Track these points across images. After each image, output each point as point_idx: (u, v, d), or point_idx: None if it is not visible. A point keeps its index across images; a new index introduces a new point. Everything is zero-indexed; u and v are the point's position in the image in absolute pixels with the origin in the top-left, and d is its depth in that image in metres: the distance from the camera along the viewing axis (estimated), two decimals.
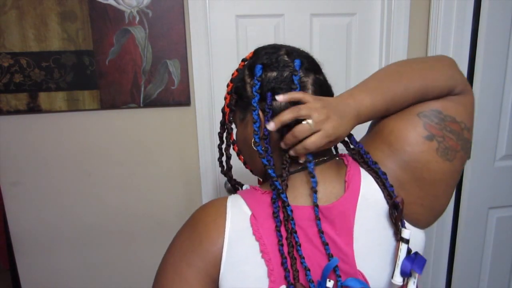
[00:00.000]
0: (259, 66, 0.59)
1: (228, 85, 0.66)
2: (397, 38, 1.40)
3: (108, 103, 1.30)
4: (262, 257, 0.52)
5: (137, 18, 1.26)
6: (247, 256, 0.53)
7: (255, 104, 0.57)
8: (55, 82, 1.26)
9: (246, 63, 0.65)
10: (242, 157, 0.70)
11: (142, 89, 1.31)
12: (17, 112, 1.26)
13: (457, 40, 1.40)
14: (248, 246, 0.53)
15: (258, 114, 0.58)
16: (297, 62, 0.58)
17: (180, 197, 1.44)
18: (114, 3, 1.23)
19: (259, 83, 0.58)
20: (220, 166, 0.75)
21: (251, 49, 1.48)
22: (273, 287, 0.51)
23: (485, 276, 1.67)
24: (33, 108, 1.27)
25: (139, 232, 1.44)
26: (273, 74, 0.58)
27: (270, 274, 0.52)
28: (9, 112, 1.26)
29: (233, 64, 1.39)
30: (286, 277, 0.51)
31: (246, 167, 0.72)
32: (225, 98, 0.66)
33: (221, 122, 0.71)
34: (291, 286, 0.50)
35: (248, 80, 0.61)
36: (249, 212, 0.56)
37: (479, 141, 1.49)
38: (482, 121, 1.48)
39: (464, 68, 1.43)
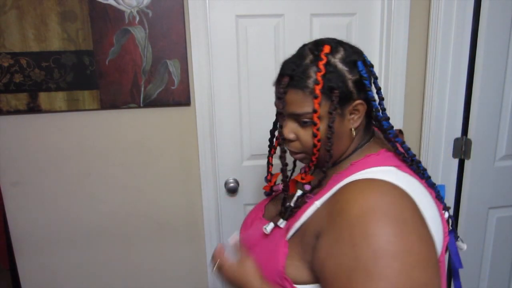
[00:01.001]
0: (360, 62, 0.68)
1: (317, 82, 0.65)
2: (397, 38, 1.40)
3: (108, 103, 1.30)
4: (433, 201, 0.67)
5: (137, 18, 1.26)
6: (430, 205, 0.65)
7: (373, 96, 0.68)
8: (55, 82, 1.26)
9: (333, 59, 0.66)
10: (317, 151, 0.70)
11: (142, 89, 1.31)
12: (17, 112, 1.26)
13: (457, 40, 1.40)
14: (427, 201, 0.65)
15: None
16: (366, 57, 0.71)
17: (180, 197, 1.44)
18: (114, 3, 1.23)
19: (367, 76, 0.67)
20: (284, 177, 0.75)
21: (251, 49, 1.48)
22: (442, 220, 0.67)
23: (485, 276, 1.67)
24: (33, 108, 1.27)
25: (139, 232, 1.44)
26: (368, 68, 0.69)
27: (439, 213, 0.67)
28: (9, 112, 1.26)
29: (233, 64, 1.40)
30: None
31: (313, 159, 0.71)
32: (316, 97, 0.65)
33: (280, 125, 0.72)
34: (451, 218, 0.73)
35: (350, 76, 0.66)
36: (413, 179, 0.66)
37: (479, 141, 1.49)
38: (482, 121, 1.48)
39: (464, 68, 1.43)
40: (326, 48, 0.67)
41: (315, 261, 0.60)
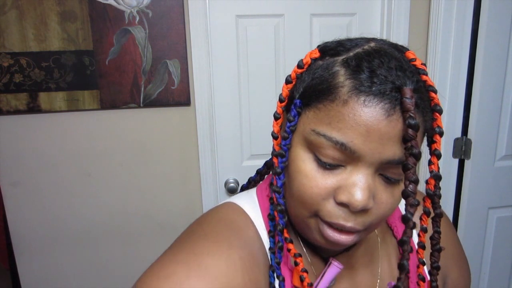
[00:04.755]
0: None
1: (438, 109, 0.41)
2: (397, 38, 1.40)
3: (108, 103, 1.30)
4: None
5: (137, 18, 1.26)
6: None
7: None
8: (55, 82, 1.26)
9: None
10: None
11: (142, 89, 1.31)
12: (17, 112, 1.26)
13: (457, 40, 1.40)
14: None
15: None
16: None
17: (180, 197, 1.44)
18: (114, 3, 1.23)
19: None
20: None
21: (251, 49, 1.48)
22: None
23: (485, 276, 1.67)
24: (33, 108, 1.27)
25: (139, 232, 1.44)
26: None
27: None
28: (9, 112, 1.26)
29: (233, 64, 1.40)
30: None
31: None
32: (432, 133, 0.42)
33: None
34: None
35: None
36: None
37: (479, 141, 1.49)
38: (482, 121, 1.48)
39: (464, 68, 1.43)
40: (413, 55, 0.42)
41: None
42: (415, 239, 0.56)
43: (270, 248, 0.46)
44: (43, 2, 1.20)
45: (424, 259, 0.49)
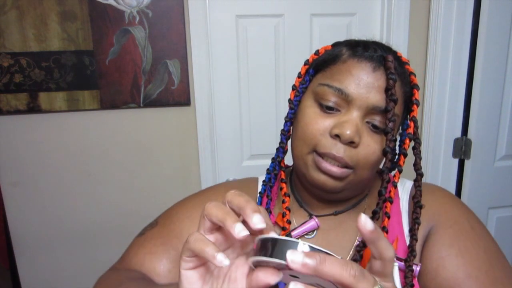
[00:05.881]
0: None
1: (413, 82, 0.55)
2: (397, 38, 1.40)
3: (108, 103, 1.30)
4: None
5: (137, 18, 1.26)
6: None
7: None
8: (55, 82, 1.26)
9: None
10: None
11: (142, 89, 1.31)
12: (17, 112, 1.26)
13: (457, 40, 1.40)
14: None
15: None
16: None
17: (180, 197, 1.44)
18: (114, 3, 1.23)
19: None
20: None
21: (251, 49, 1.48)
22: None
23: None
24: (33, 108, 1.27)
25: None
26: None
27: None
28: (9, 112, 1.26)
29: (233, 64, 1.40)
30: None
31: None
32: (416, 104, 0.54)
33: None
34: None
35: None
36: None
37: (479, 141, 1.49)
38: (482, 121, 1.48)
39: (464, 68, 1.43)
40: (400, 54, 0.57)
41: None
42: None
43: (260, 192, 0.59)
44: (43, 2, 1.20)
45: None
